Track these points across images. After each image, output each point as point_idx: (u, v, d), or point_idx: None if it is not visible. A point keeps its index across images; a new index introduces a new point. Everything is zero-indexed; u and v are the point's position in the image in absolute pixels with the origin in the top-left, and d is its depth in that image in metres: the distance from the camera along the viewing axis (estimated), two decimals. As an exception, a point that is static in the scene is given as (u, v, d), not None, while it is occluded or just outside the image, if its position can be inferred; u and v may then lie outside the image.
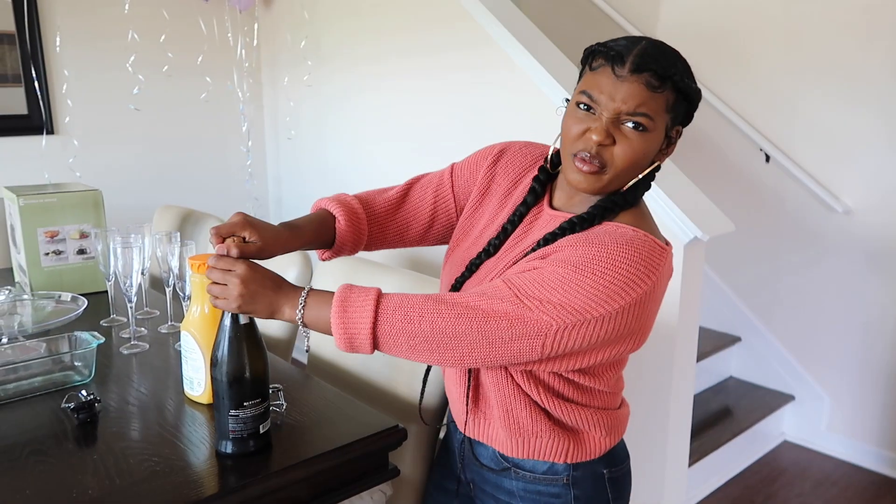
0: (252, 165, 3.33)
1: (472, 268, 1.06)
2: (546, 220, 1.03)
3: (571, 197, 1.02)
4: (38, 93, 2.73)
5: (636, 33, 3.06)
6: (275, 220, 3.72)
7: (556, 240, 0.97)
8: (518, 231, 1.05)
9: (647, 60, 0.89)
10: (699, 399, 2.82)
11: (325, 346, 1.61)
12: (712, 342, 2.95)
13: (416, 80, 2.54)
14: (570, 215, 0.99)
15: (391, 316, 0.90)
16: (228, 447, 1.01)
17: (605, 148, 0.92)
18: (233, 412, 0.99)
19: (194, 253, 1.44)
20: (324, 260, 1.14)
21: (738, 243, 2.91)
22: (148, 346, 1.48)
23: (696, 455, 2.38)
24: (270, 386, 1.18)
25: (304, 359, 1.60)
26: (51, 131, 2.79)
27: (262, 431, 1.02)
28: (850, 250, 2.64)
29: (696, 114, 0.99)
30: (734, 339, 3.01)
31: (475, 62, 2.28)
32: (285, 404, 1.17)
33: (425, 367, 1.24)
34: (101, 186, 1.92)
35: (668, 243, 0.97)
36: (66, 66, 2.80)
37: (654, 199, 1.74)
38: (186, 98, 3.13)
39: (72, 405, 1.13)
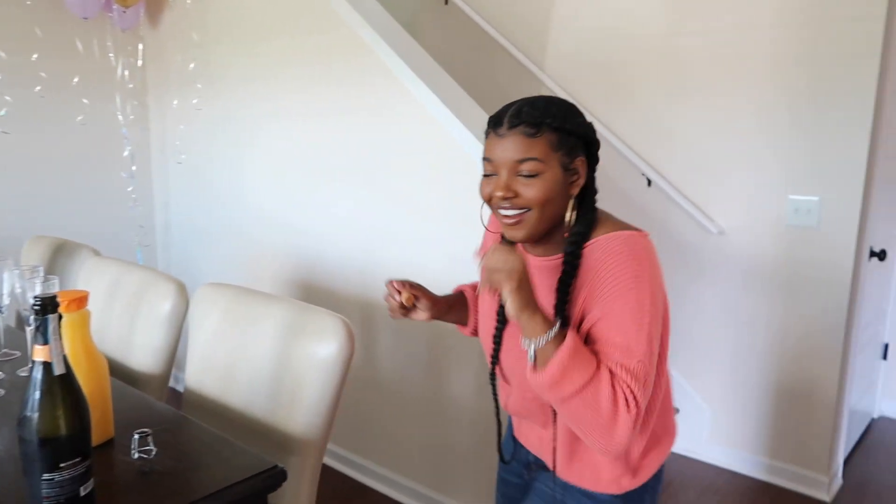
0: (137, 191, 3.17)
1: (497, 342, 1.15)
2: (540, 269, 1.08)
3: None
4: None
5: (527, 63, 3.17)
6: (163, 246, 3.51)
7: (569, 281, 1.02)
8: None
9: (518, 115, 0.99)
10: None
11: (205, 381, 1.54)
12: (604, 360, 3.04)
13: (310, 105, 2.51)
14: (552, 258, 1.06)
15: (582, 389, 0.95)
16: None
17: (515, 196, 0.99)
18: (47, 476, 0.90)
19: (58, 289, 1.35)
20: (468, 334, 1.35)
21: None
22: (4, 391, 1.36)
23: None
24: (138, 431, 1.12)
25: (180, 387, 1.51)
26: None
27: (82, 494, 0.92)
28: (725, 269, 2.81)
29: None
30: (624, 356, 3.12)
31: (368, 88, 2.28)
32: (155, 450, 1.11)
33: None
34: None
35: (638, 230, 1.09)
36: (-78, 84, 2.58)
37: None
38: (61, 120, 2.95)
39: None
